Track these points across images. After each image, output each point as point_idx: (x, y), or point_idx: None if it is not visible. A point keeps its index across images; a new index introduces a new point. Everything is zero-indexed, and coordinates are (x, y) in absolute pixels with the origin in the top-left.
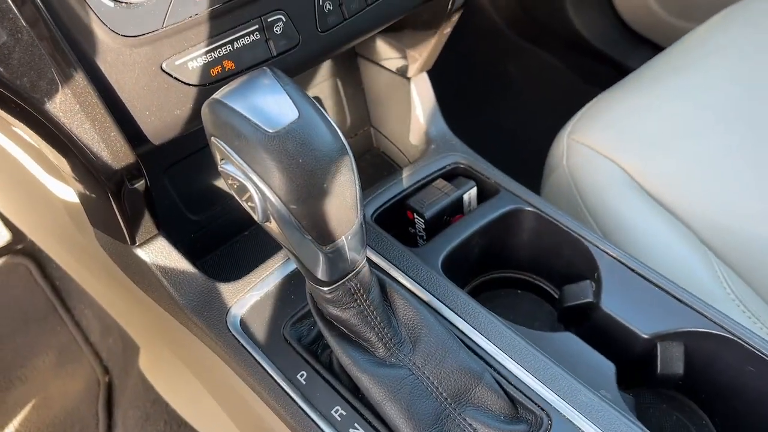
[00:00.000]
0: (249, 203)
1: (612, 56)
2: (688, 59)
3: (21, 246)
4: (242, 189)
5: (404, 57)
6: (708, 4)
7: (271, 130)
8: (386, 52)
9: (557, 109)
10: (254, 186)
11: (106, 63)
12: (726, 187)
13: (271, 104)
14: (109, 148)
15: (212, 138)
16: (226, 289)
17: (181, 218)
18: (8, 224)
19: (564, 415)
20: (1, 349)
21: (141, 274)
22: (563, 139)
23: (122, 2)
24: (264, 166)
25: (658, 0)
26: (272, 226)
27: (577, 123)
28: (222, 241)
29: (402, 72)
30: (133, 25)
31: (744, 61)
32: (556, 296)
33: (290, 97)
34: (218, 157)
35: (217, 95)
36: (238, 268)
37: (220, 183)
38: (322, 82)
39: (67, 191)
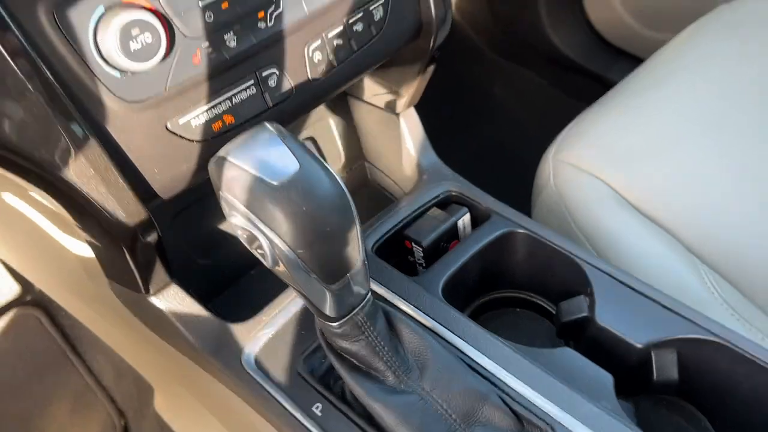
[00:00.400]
0: (259, 250)
1: (592, 70)
2: (665, 72)
3: (30, 297)
4: (252, 238)
5: (392, 94)
6: (679, 15)
7: (275, 182)
8: (374, 91)
9: (543, 127)
10: (263, 235)
11: (115, 128)
12: (709, 195)
13: (273, 157)
14: (123, 207)
15: (220, 192)
16: (239, 330)
17: (191, 263)
18: (17, 277)
19: (567, 427)
20: (18, 399)
21: (156, 321)
22: (549, 160)
23: (128, 72)
24: (271, 216)
25: (631, 13)
26: (281, 270)
27: (561, 143)
28: (231, 281)
29: (391, 108)
30: (138, 91)
31: (720, 71)
32: (554, 312)
33: (290, 150)
34: (227, 209)
35: (222, 153)
36: (248, 307)
37: (225, 226)
38: (316, 123)
39: (81, 246)
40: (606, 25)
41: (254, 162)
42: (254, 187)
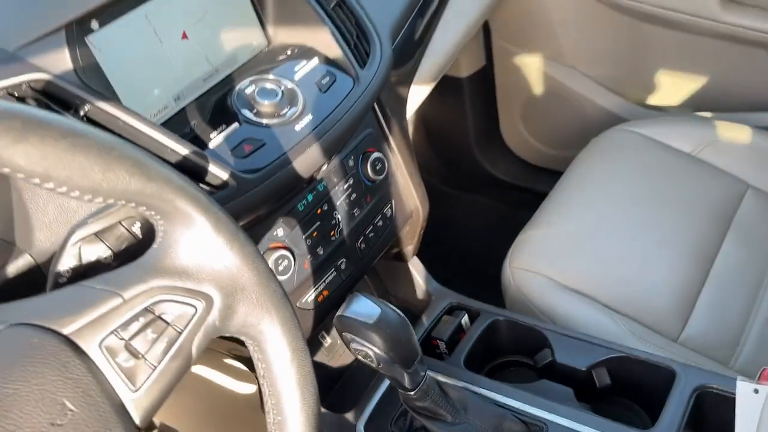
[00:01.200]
0: (368, 360)
1: (522, 186)
2: (578, 185)
3: None
4: (365, 354)
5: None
6: (576, 137)
7: (370, 321)
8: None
9: (502, 239)
10: (369, 349)
11: None
12: (615, 270)
13: (365, 309)
14: None
15: (343, 333)
16: (350, 415)
17: None
18: None
19: (554, 422)
20: None
21: None
22: (507, 268)
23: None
24: (372, 339)
25: (536, 137)
26: (380, 366)
27: (512, 254)
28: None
29: (399, 258)
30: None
31: (616, 181)
32: (532, 363)
33: (373, 303)
34: (347, 341)
35: (339, 312)
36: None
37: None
38: None
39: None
40: (520, 148)
41: (356, 313)
42: (360, 326)
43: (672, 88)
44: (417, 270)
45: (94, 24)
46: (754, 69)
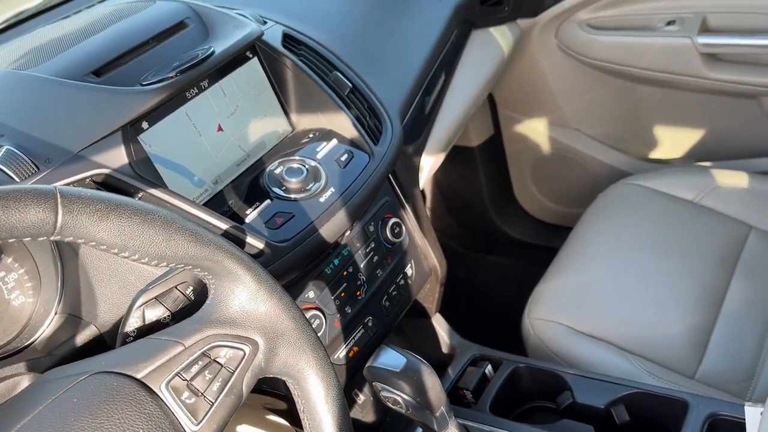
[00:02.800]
0: (398, 406)
1: (537, 243)
2: (588, 238)
3: None
4: (394, 401)
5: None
6: (586, 193)
7: (397, 370)
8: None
9: (519, 293)
10: (399, 396)
11: None
12: (629, 314)
13: (392, 359)
14: None
15: (373, 382)
16: None
17: None
18: None
19: None
20: None
21: None
22: (526, 319)
23: None
24: (400, 386)
25: (547, 196)
26: (408, 411)
27: (531, 306)
28: None
29: (425, 315)
30: None
31: (624, 232)
32: (555, 405)
33: (398, 353)
34: (378, 389)
35: (369, 363)
36: None
37: None
38: None
39: None
40: (532, 206)
41: (384, 363)
42: (388, 374)
43: (670, 141)
44: (440, 325)
45: (145, 124)
46: (745, 118)
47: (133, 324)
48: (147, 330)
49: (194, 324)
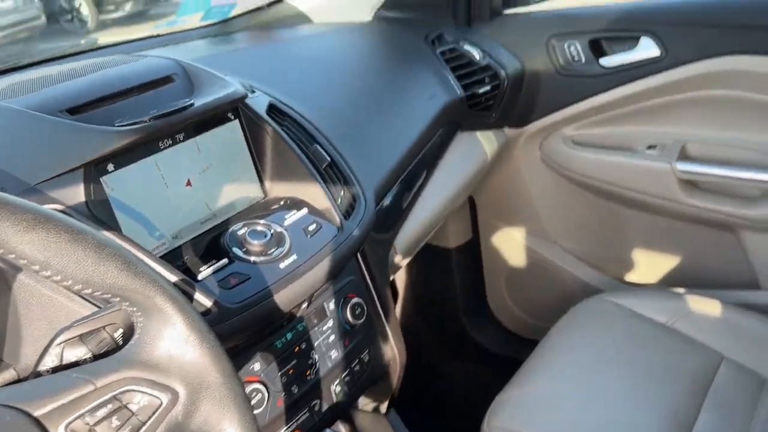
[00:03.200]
0: None
1: (504, 354)
2: (555, 351)
3: None
4: None
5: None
6: (559, 307)
7: None
8: (364, 402)
9: (481, 401)
10: None
11: None
12: (590, 428)
13: None
14: None
15: None
16: None
17: None
18: None
19: None
20: None
21: None
22: (485, 427)
23: None
24: None
25: (520, 307)
26: None
27: (490, 415)
28: None
29: (377, 411)
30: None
31: (592, 348)
32: None
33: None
34: None
35: None
36: None
37: None
38: None
39: None
40: (507, 319)
41: None
42: None
43: (647, 264)
44: (395, 423)
45: (110, 166)
46: (722, 249)
47: (48, 363)
48: (63, 370)
49: (112, 363)
